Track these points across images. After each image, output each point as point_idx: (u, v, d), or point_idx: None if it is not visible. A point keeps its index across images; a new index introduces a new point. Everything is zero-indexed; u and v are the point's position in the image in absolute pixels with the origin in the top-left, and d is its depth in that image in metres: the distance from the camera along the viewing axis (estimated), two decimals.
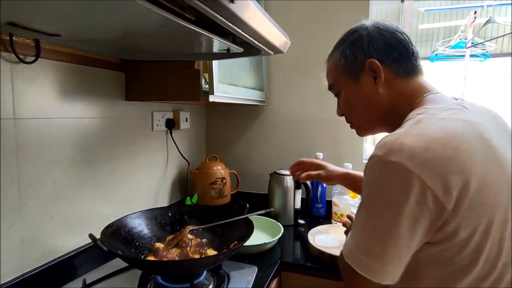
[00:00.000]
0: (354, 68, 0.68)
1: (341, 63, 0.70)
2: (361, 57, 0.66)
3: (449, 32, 2.50)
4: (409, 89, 0.65)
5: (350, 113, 0.74)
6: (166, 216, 0.99)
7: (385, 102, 0.66)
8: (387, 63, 0.65)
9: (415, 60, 0.66)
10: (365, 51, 0.66)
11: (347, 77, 0.70)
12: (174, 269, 0.78)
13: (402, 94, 0.65)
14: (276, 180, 1.35)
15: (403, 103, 0.65)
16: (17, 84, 0.76)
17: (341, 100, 0.75)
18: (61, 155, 0.87)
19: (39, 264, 0.82)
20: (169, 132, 1.32)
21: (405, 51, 0.65)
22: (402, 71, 0.65)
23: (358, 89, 0.68)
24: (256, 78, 1.40)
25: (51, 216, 0.85)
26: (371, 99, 0.67)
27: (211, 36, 0.66)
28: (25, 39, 0.75)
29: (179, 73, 1.00)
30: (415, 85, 0.65)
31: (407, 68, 0.65)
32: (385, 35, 0.65)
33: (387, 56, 0.65)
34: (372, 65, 0.65)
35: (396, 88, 0.65)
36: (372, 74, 0.66)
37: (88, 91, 0.95)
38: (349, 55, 0.68)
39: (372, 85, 0.66)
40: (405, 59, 0.65)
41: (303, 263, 1.03)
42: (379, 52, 0.65)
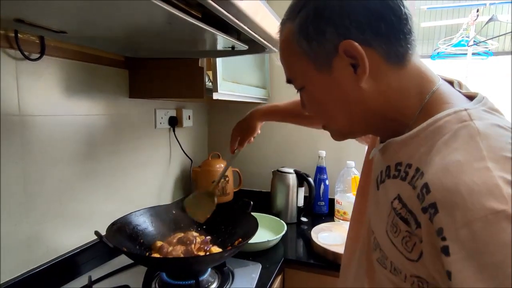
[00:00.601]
0: (322, 52, 0.45)
1: (302, 48, 0.46)
2: (331, 36, 0.43)
3: (451, 31, 2.50)
4: (409, 81, 0.45)
5: (321, 115, 0.52)
6: (171, 214, 0.99)
7: (372, 102, 0.46)
8: (372, 44, 0.43)
9: (409, 32, 0.44)
10: (337, 26, 0.43)
11: (312, 66, 0.47)
12: (179, 266, 0.78)
13: (399, 89, 0.45)
14: (279, 178, 1.35)
15: (405, 102, 0.45)
16: (22, 81, 0.76)
17: (306, 97, 0.52)
18: (65, 152, 0.87)
19: (45, 261, 0.82)
20: (172, 129, 1.32)
21: (397, 20, 0.43)
22: (394, 54, 0.44)
23: (331, 83, 0.46)
24: (259, 76, 1.40)
25: (56, 213, 0.85)
26: (351, 98, 0.46)
27: (217, 33, 0.66)
28: (30, 36, 0.75)
29: (183, 71, 1.00)
30: (414, 73, 0.46)
31: (401, 48, 0.44)
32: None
33: (372, 33, 0.42)
34: (349, 49, 0.43)
35: (387, 82, 0.45)
36: (350, 60, 0.44)
37: (92, 88, 0.95)
38: (313, 34, 0.44)
39: (350, 77, 0.44)
40: (398, 33, 0.43)
41: (307, 261, 1.03)
42: (358, 27, 0.42)
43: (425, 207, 0.36)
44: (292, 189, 1.33)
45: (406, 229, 0.40)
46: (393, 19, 0.43)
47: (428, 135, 0.41)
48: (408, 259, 0.41)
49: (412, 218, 0.39)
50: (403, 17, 0.43)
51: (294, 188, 1.33)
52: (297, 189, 1.34)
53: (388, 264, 0.45)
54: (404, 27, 0.43)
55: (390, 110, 0.46)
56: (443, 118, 0.41)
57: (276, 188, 1.35)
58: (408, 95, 0.45)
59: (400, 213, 0.42)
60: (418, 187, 0.38)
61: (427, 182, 0.36)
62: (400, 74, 0.45)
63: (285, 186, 1.33)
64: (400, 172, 0.43)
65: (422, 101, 0.45)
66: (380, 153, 0.49)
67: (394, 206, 0.43)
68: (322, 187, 1.40)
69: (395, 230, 0.43)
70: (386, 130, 0.49)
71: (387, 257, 0.45)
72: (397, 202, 0.42)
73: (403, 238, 0.41)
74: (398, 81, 0.45)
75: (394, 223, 0.43)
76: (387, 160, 0.48)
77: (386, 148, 0.48)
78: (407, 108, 0.45)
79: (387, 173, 0.47)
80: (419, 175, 0.39)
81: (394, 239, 0.43)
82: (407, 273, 0.42)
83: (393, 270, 0.44)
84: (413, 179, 0.40)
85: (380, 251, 0.47)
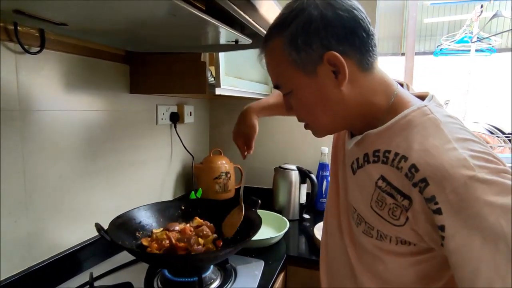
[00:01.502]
0: (309, 61, 0.53)
1: (291, 57, 0.54)
2: (317, 47, 0.52)
3: (453, 27, 2.48)
4: (376, 84, 0.56)
5: (307, 115, 0.61)
6: (174, 210, 0.98)
7: (350, 102, 0.55)
8: (349, 55, 0.52)
9: (374, 45, 0.55)
10: (321, 39, 0.51)
11: (300, 73, 0.55)
12: (182, 263, 0.77)
13: (370, 91, 0.56)
14: (281, 174, 1.34)
15: (375, 101, 0.56)
16: (21, 75, 0.74)
17: (293, 100, 0.60)
18: (66, 148, 0.86)
19: (45, 258, 0.81)
20: (174, 126, 1.31)
21: (366, 36, 0.53)
22: (365, 63, 0.54)
23: (316, 87, 0.55)
24: (261, 72, 1.38)
25: (56, 209, 0.84)
26: (333, 99, 0.55)
27: (221, 25, 0.64)
28: (29, 29, 0.74)
29: (185, 66, 0.99)
30: (379, 78, 0.57)
31: (370, 58, 0.54)
32: (342, 16, 0.51)
33: (349, 45, 0.52)
34: (333, 60, 0.52)
35: (360, 85, 0.55)
36: (331, 68, 0.53)
37: (93, 83, 0.93)
38: (302, 45, 0.52)
39: (332, 82, 0.54)
40: (367, 46, 0.53)
41: (309, 257, 1.02)
42: (339, 40, 0.51)
43: (415, 182, 0.47)
44: (295, 186, 1.32)
45: (393, 201, 0.51)
46: (364, 35, 0.53)
47: (401, 127, 0.52)
48: (394, 225, 0.52)
49: (397, 193, 0.50)
50: (370, 33, 0.54)
51: (296, 184, 1.32)
52: (299, 186, 1.33)
53: (374, 233, 0.56)
54: (371, 41, 0.54)
55: (364, 107, 0.56)
56: (411, 113, 0.53)
57: (278, 185, 1.35)
58: (376, 95, 0.56)
59: (385, 190, 0.52)
60: (404, 168, 0.49)
61: (414, 163, 0.47)
62: (369, 78, 0.56)
63: (288, 183, 1.32)
64: (380, 158, 0.54)
65: (388, 101, 0.56)
66: (356, 144, 0.59)
67: (379, 185, 0.53)
68: (324, 184, 1.39)
69: (381, 204, 0.54)
70: (360, 126, 0.58)
71: (373, 227, 0.56)
72: (381, 181, 0.53)
73: (389, 210, 0.52)
74: (368, 84, 0.56)
75: (379, 199, 0.54)
76: (364, 149, 0.57)
77: (363, 139, 0.57)
78: (377, 105, 0.56)
79: (365, 159, 0.57)
80: (400, 159, 0.50)
81: (380, 211, 0.54)
82: (392, 236, 0.54)
83: (379, 236, 0.55)
84: (394, 162, 0.51)
85: (366, 223, 0.57)
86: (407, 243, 0.53)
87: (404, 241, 0.53)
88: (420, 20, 2.45)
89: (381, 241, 0.55)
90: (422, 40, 2.63)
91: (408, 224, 0.50)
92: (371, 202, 0.55)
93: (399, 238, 0.53)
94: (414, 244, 0.52)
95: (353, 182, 0.62)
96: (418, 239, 0.51)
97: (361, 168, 0.58)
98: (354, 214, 0.61)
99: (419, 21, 2.39)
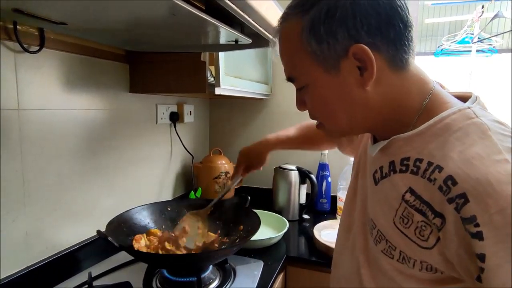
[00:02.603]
0: (332, 54, 0.45)
1: (311, 47, 0.45)
2: (343, 38, 0.43)
3: (454, 27, 2.47)
4: (409, 84, 0.47)
5: (322, 114, 0.53)
6: (171, 210, 0.98)
7: (375, 104, 0.47)
8: (380, 49, 0.44)
9: (411, 39, 0.46)
10: (349, 29, 0.43)
11: (320, 68, 0.47)
12: (180, 263, 0.77)
13: (401, 93, 0.47)
14: (281, 174, 1.34)
15: (406, 104, 0.48)
16: (21, 74, 0.74)
17: (308, 96, 0.51)
18: (65, 147, 0.85)
19: (43, 257, 0.81)
20: (173, 125, 1.31)
21: (403, 27, 0.44)
22: (399, 60, 0.45)
23: (336, 84, 0.47)
24: (261, 71, 1.38)
25: (55, 209, 0.84)
26: (354, 99, 0.47)
27: (221, 25, 0.64)
28: (29, 28, 0.73)
29: (184, 65, 0.99)
30: (414, 76, 0.48)
31: (405, 54, 0.46)
32: (378, 1, 0.43)
33: (381, 38, 0.43)
34: (360, 54, 0.43)
35: (390, 85, 0.46)
36: (357, 63, 0.45)
37: (92, 82, 0.93)
38: (324, 35, 0.44)
39: (356, 79, 0.46)
40: (403, 39, 0.45)
41: (309, 258, 1.02)
42: (370, 31, 0.43)
43: (451, 198, 0.38)
44: (294, 186, 1.32)
45: (422, 219, 0.43)
46: (401, 26, 0.44)
47: (437, 132, 0.44)
48: (421, 247, 0.44)
49: (428, 208, 0.42)
50: (409, 24, 0.45)
51: (296, 185, 1.32)
52: (299, 186, 1.33)
53: (396, 253, 0.48)
54: (408, 34, 0.45)
55: (391, 111, 0.48)
56: (449, 116, 0.44)
57: (278, 185, 1.34)
58: (409, 97, 0.48)
59: (414, 205, 0.44)
60: (437, 180, 0.40)
61: (451, 175, 0.39)
62: (402, 77, 0.47)
63: (287, 183, 1.32)
64: (409, 167, 0.45)
65: (422, 101, 0.47)
66: (381, 151, 0.51)
67: (407, 199, 0.45)
68: (324, 184, 1.38)
69: (406, 222, 0.45)
70: (384, 130, 0.50)
71: (395, 247, 0.47)
72: (410, 195, 0.44)
73: (416, 228, 0.44)
74: (399, 84, 0.47)
75: (405, 215, 0.45)
76: (390, 156, 0.49)
77: (389, 145, 0.49)
78: (408, 108, 0.48)
79: (391, 168, 0.49)
80: (433, 169, 0.41)
81: (405, 229, 0.46)
82: (417, 260, 0.45)
83: (402, 259, 0.47)
84: (426, 173, 0.42)
85: (387, 242, 0.49)
86: (433, 270, 0.44)
87: (430, 267, 0.44)
88: (421, 21, 2.44)
89: (403, 264, 0.47)
90: (423, 40, 2.63)
91: (438, 247, 0.42)
92: (394, 218, 0.47)
93: (425, 263, 0.44)
94: (441, 272, 0.44)
95: (374, 194, 0.54)
96: (448, 266, 0.42)
97: (385, 178, 0.50)
98: (374, 230, 0.52)
99: (420, 21, 2.39)
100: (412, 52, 0.47)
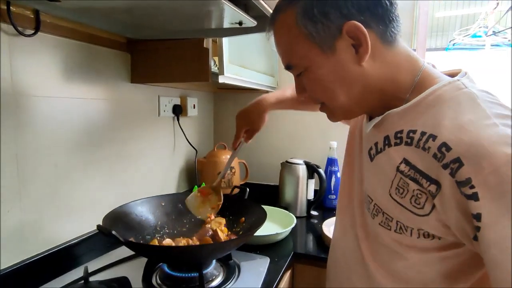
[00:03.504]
0: (327, 34, 0.47)
1: (307, 30, 0.48)
2: (336, 18, 0.46)
3: (466, 21, 2.40)
4: (400, 59, 0.51)
5: (323, 95, 0.54)
6: (173, 204, 0.94)
7: (372, 80, 0.50)
8: (371, 26, 0.47)
9: (398, 16, 0.49)
10: (341, 8, 0.46)
11: (317, 49, 0.49)
12: (182, 255, 0.72)
13: (394, 67, 0.50)
14: (288, 169, 1.29)
15: (399, 79, 0.50)
16: (15, 58, 0.71)
17: (308, 80, 0.53)
18: (62, 136, 0.82)
19: (40, 251, 0.77)
20: (176, 118, 1.27)
21: (389, 4, 0.48)
22: (389, 35, 0.49)
23: (334, 64, 0.49)
24: (267, 63, 1.34)
25: (52, 200, 0.80)
26: (352, 77, 0.50)
27: (224, 1, 0.60)
28: (24, 9, 0.70)
29: (187, 53, 0.95)
30: (403, 52, 0.51)
31: (394, 30, 0.49)
32: None
33: (370, 15, 0.47)
34: (354, 31, 0.46)
35: (383, 60, 0.49)
36: (351, 41, 0.47)
37: (92, 70, 0.90)
38: (318, 16, 0.47)
39: (352, 57, 0.48)
40: (391, 15, 0.48)
41: (317, 255, 0.97)
42: (360, 9, 0.46)
43: (446, 163, 0.40)
44: (302, 181, 1.27)
45: (417, 187, 0.45)
46: (387, 3, 0.48)
47: (429, 103, 0.46)
48: (417, 215, 0.46)
49: (422, 177, 0.44)
50: (393, 1, 0.49)
51: (304, 180, 1.27)
52: (307, 181, 1.27)
53: (393, 224, 0.50)
54: (395, 11, 0.49)
55: (387, 85, 0.51)
56: (441, 88, 0.47)
57: (285, 180, 1.29)
58: (401, 71, 0.50)
59: (409, 175, 0.46)
60: (432, 148, 0.42)
61: (445, 142, 0.41)
62: (393, 53, 0.50)
63: (295, 178, 1.27)
64: (403, 139, 0.47)
65: (414, 77, 0.50)
66: (375, 127, 0.53)
67: (401, 169, 0.47)
68: (333, 180, 1.33)
69: (402, 191, 0.47)
70: (381, 106, 0.52)
71: (392, 218, 0.50)
72: (404, 165, 0.46)
73: (411, 197, 0.46)
74: (392, 59, 0.50)
75: (400, 185, 0.47)
76: (384, 131, 0.51)
77: (384, 120, 0.52)
78: (401, 82, 0.50)
79: (385, 142, 0.51)
80: (427, 138, 0.43)
81: (400, 199, 0.48)
82: (413, 228, 0.47)
83: (399, 229, 0.49)
84: (420, 142, 0.44)
85: (384, 214, 0.51)
86: (430, 237, 0.47)
87: (427, 234, 0.47)
88: (431, 15, 2.37)
89: (401, 234, 0.49)
90: (434, 35, 2.55)
91: (434, 213, 0.44)
92: (390, 190, 0.49)
93: (422, 231, 0.47)
94: (438, 238, 0.46)
95: (370, 170, 0.56)
96: (444, 231, 0.44)
97: (380, 153, 0.52)
98: (370, 205, 0.54)
99: (430, 15, 2.32)
100: (400, 28, 0.50)
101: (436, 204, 0.43)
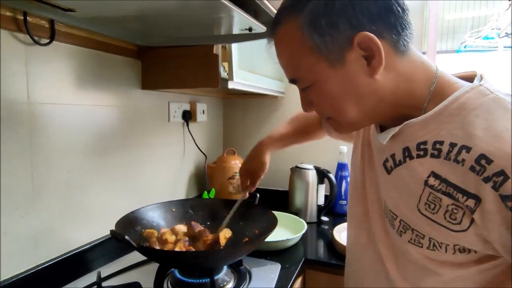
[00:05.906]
0: (335, 46, 0.44)
1: (313, 42, 0.44)
2: (345, 28, 0.43)
3: (478, 24, 2.37)
4: (414, 68, 0.47)
5: (331, 109, 0.51)
6: (184, 209, 0.94)
7: (385, 92, 0.47)
8: (384, 35, 0.44)
9: (410, 23, 0.46)
10: (350, 19, 0.43)
11: (324, 62, 0.46)
12: (193, 261, 0.72)
13: (408, 78, 0.47)
14: (298, 174, 1.28)
15: (413, 89, 0.47)
16: (31, 66, 0.73)
17: (315, 94, 0.50)
18: (75, 143, 0.83)
19: (53, 256, 0.78)
20: (186, 124, 1.28)
21: (401, 11, 0.45)
22: (402, 44, 0.46)
23: (344, 77, 0.46)
24: (276, 68, 1.34)
25: (65, 206, 0.81)
26: (364, 90, 0.46)
27: (234, 8, 0.60)
28: (39, 19, 0.72)
29: (197, 59, 0.96)
30: (417, 60, 0.48)
31: (407, 38, 0.46)
32: None
33: (383, 24, 0.44)
34: (366, 42, 0.43)
35: (396, 71, 0.46)
36: (363, 52, 0.44)
37: (104, 78, 0.91)
38: (326, 27, 0.43)
39: (363, 70, 0.45)
40: (404, 23, 0.45)
41: (329, 261, 0.95)
42: (371, 18, 0.43)
43: (487, 177, 0.38)
44: (312, 187, 1.26)
45: (451, 202, 0.42)
46: (399, 10, 0.44)
47: (453, 112, 0.44)
48: (453, 230, 0.43)
49: (457, 191, 0.41)
50: (405, 7, 0.45)
51: (314, 185, 1.26)
52: (317, 187, 1.26)
53: (425, 241, 0.47)
54: (407, 18, 0.46)
55: (401, 96, 0.48)
56: (463, 95, 0.44)
57: (294, 186, 1.28)
58: (416, 80, 0.47)
59: (440, 189, 0.43)
60: (467, 161, 0.40)
61: (483, 153, 0.39)
62: (406, 62, 0.47)
63: (305, 184, 1.26)
64: (428, 151, 0.45)
65: (430, 84, 0.47)
66: (391, 138, 0.50)
67: (431, 184, 0.44)
68: (343, 185, 1.32)
69: (433, 207, 0.44)
70: (395, 117, 0.49)
71: (424, 235, 0.46)
72: (434, 179, 0.44)
73: (445, 212, 0.43)
74: (405, 68, 0.47)
75: (430, 200, 0.44)
76: (402, 142, 0.49)
77: (401, 130, 0.48)
78: (416, 91, 0.48)
79: (406, 154, 0.48)
80: (459, 150, 0.41)
81: (432, 215, 0.45)
82: (449, 244, 0.44)
83: (432, 246, 0.46)
84: (451, 155, 0.42)
85: (413, 231, 0.48)
86: (466, 251, 0.44)
87: (463, 249, 0.44)
88: (441, 17, 2.35)
89: (434, 250, 0.46)
90: (444, 38, 2.52)
91: (473, 228, 0.41)
92: (418, 205, 0.46)
93: (458, 246, 0.44)
94: (474, 252, 0.44)
95: (387, 183, 0.53)
96: (483, 246, 0.42)
97: (399, 165, 0.49)
98: (395, 221, 0.51)
99: (440, 17, 2.29)
100: (412, 35, 0.47)
101: (476, 219, 0.41)
